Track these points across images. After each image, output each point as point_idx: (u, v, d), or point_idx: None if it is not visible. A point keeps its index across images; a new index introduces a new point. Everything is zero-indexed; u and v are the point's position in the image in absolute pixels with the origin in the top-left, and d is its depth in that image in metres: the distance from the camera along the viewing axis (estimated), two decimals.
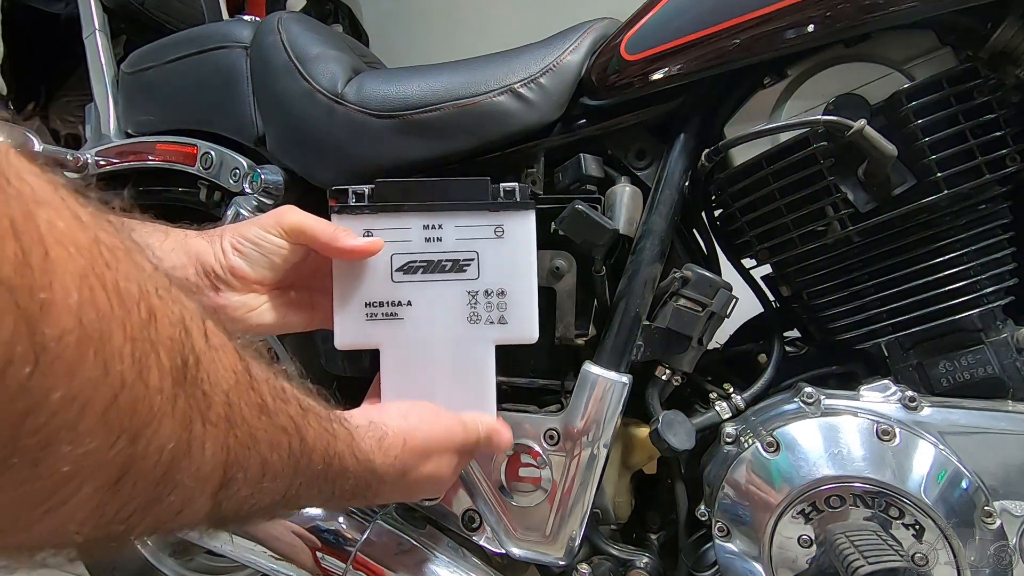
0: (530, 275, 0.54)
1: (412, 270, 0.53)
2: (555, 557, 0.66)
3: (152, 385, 0.23)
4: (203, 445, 0.26)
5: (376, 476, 0.42)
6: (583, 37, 0.70)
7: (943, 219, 0.58)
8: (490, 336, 0.53)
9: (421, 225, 0.53)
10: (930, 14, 0.54)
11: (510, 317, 0.53)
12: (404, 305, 0.53)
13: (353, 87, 0.73)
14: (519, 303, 0.53)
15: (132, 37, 1.09)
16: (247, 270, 0.49)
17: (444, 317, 0.53)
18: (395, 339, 0.53)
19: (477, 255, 0.53)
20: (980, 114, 0.55)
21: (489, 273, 0.53)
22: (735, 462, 0.61)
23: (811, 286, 0.63)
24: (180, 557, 1.02)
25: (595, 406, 0.63)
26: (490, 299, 0.53)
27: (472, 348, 0.53)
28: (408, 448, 0.45)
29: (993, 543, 0.54)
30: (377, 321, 0.53)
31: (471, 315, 0.53)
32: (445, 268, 0.53)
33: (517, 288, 0.53)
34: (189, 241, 0.49)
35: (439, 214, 0.53)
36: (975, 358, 0.58)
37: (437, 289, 0.53)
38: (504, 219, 0.53)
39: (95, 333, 0.20)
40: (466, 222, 0.53)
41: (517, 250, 0.53)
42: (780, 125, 0.59)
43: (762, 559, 0.60)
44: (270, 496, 0.32)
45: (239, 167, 0.77)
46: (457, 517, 0.69)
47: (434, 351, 0.53)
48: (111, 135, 0.91)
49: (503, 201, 0.53)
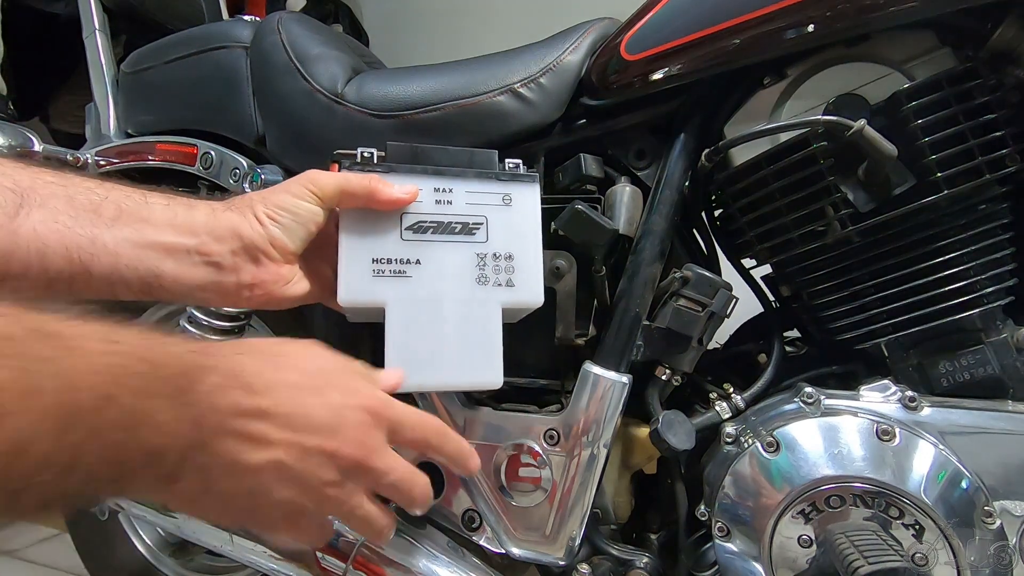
0: (536, 243, 0.56)
1: (422, 230, 0.53)
2: (555, 557, 0.66)
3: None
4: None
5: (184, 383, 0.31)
6: (583, 37, 0.70)
7: (943, 219, 0.58)
8: (498, 298, 0.54)
9: (432, 187, 0.54)
10: (930, 14, 0.54)
11: (517, 281, 0.55)
12: (413, 263, 0.53)
13: (353, 87, 0.73)
14: (526, 268, 0.55)
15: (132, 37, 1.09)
16: (285, 241, 0.47)
17: (453, 277, 0.54)
18: (402, 297, 0.52)
19: (486, 220, 0.55)
20: (980, 114, 0.55)
21: (497, 238, 0.55)
22: (735, 462, 0.61)
23: (811, 286, 0.63)
24: (180, 557, 1.03)
25: (595, 406, 0.63)
26: (498, 262, 0.54)
27: (480, 309, 0.54)
28: (247, 346, 0.36)
29: (993, 543, 0.54)
30: (384, 278, 0.52)
31: (480, 276, 0.54)
32: (455, 230, 0.54)
33: (524, 254, 0.55)
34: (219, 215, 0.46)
35: (450, 178, 0.55)
36: (975, 358, 0.58)
37: (447, 249, 0.54)
38: (512, 189, 0.56)
39: None
40: (476, 188, 0.55)
41: (524, 218, 0.56)
42: (780, 125, 0.59)
43: (762, 559, 0.60)
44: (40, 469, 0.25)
45: (239, 167, 0.77)
46: (457, 517, 0.69)
47: (442, 310, 0.53)
48: (111, 135, 0.91)
49: (512, 172, 0.56)
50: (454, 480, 0.69)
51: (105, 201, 0.43)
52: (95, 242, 0.41)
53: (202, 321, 0.71)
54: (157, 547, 1.01)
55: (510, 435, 0.66)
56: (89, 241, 0.41)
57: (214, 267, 0.45)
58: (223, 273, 0.45)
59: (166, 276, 0.43)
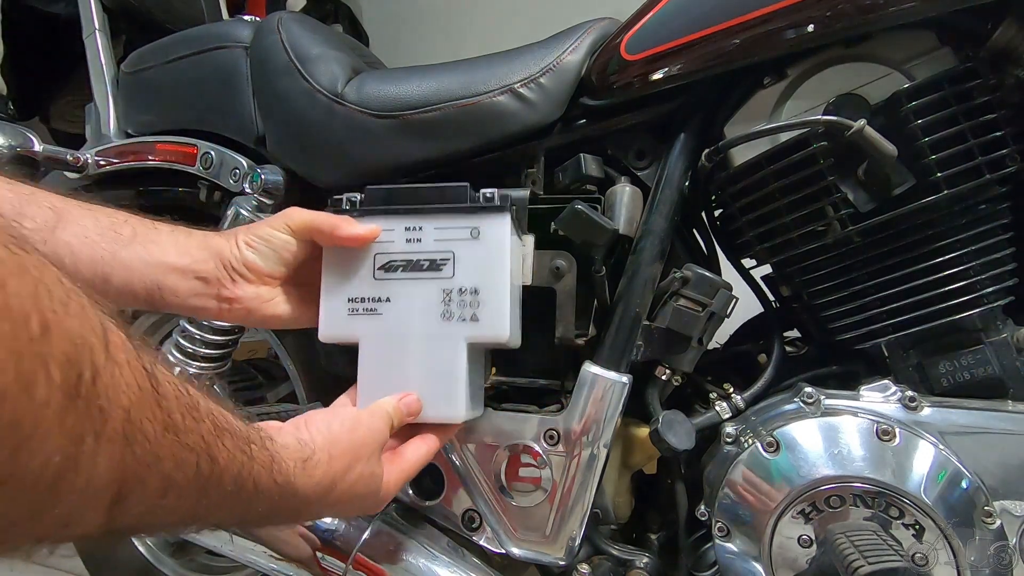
0: (503, 275, 0.54)
1: (393, 268, 0.55)
2: (555, 557, 0.66)
3: (38, 399, 0.22)
4: (95, 460, 0.25)
5: (298, 498, 0.42)
6: (583, 37, 0.70)
7: (943, 219, 0.58)
8: (461, 333, 0.54)
9: (403, 227, 0.55)
10: (930, 14, 0.54)
11: (482, 315, 0.54)
12: (383, 301, 0.55)
13: (353, 87, 0.73)
14: (491, 301, 0.54)
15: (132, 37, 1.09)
16: (259, 263, 0.54)
17: (419, 313, 0.54)
18: (373, 333, 0.55)
19: (453, 255, 0.55)
20: (980, 114, 0.55)
21: (463, 272, 0.54)
22: (735, 462, 0.61)
23: (811, 286, 0.63)
24: (180, 557, 1.03)
25: (595, 406, 0.63)
26: (463, 297, 0.54)
27: (444, 345, 0.54)
28: (334, 460, 0.45)
29: (993, 543, 0.54)
30: (358, 316, 0.55)
31: (444, 312, 0.54)
32: (423, 267, 0.55)
33: (490, 287, 0.54)
34: (209, 239, 0.54)
35: (420, 216, 0.55)
36: (975, 358, 0.58)
37: (414, 286, 0.55)
38: (480, 221, 0.55)
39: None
40: (444, 224, 0.55)
41: (491, 250, 0.54)
42: (780, 125, 0.59)
43: (762, 559, 0.60)
44: (173, 514, 0.32)
45: (239, 167, 0.77)
46: (457, 517, 0.69)
47: (407, 346, 0.54)
48: (111, 135, 0.91)
49: (477, 204, 0.55)
50: (454, 480, 0.69)
51: (124, 224, 0.51)
52: (115, 257, 0.49)
53: (195, 335, 0.73)
54: (157, 547, 1.01)
55: (510, 435, 0.66)
56: (111, 255, 0.49)
57: (202, 281, 0.53)
58: (208, 287, 0.53)
59: (166, 289, 0.52)
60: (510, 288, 0.54)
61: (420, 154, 0.71)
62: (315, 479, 0.43)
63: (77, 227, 0.49)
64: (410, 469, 0.53)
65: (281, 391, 1.02)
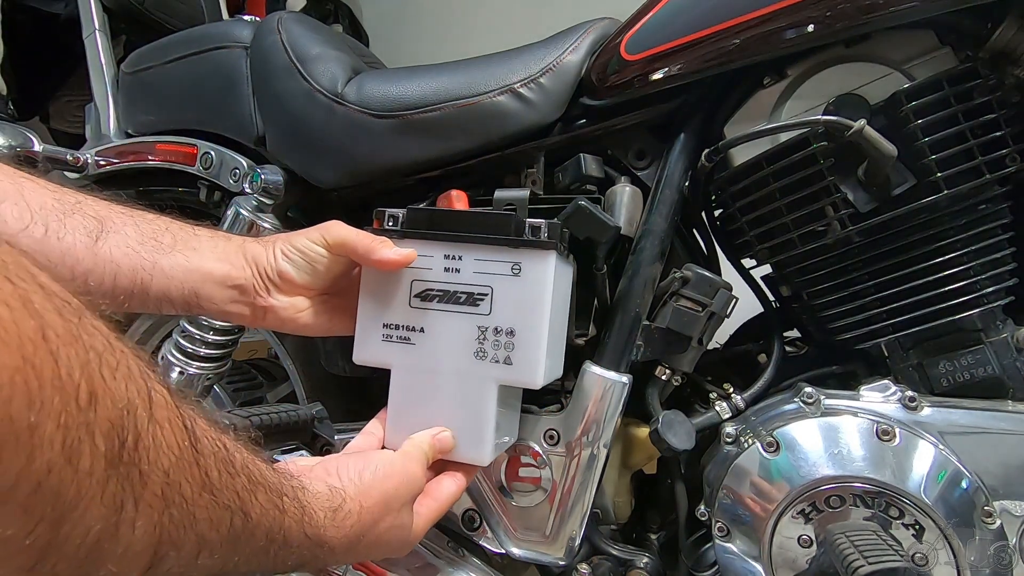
0: (542, 318, 0.51)
1: (429, 298, 0.53)
2: (555, 557, 0.66)
3: (82, 469, 0.22)
4: (133, 526, 0.25)
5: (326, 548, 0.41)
6: (583, 37, 0.70)
7: (943, 219, 0.58)
8: (493, 375, 0.51)
9: (443, 255, 0.52)
10: (930, 14, 0.54)
11: (516, 359, 0.51)
12: (417, 331, 0.53)
13: (353, 87, 0.73)
14: (527, 345, 0.51)
15: (132, 37, 1.09)
16: (293, 275, 0.53)
17: (452, 349, 0.52)
18: (405, 363, 0.53)
19: (492, 291, 0.51)
20: (980, 114, 0.55)
21: (501, 310, 0.51)
22: (735, 462, 0.61)
23: (811, 286, 0.63)
24: None
25: (595, 406, 0.63)
26: (499, 337, 0.51)
27: (475, 384, 0.52)
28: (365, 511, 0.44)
29: (993, 543, 0.54)
30: (392, 343, 0.53)
31: (478, 351, 0.52)
32: (460, 300, 0.52)
33: (527, 329, 0.51)
34: (248, 246, 0.54)
35: (461, 245, 0.52)
36: (975, 358, 0.58)
37: (449, 320, 0.52)
38: (523, 257, 0.51)
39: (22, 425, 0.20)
40: (485, 256, 0.52)
41: (532, 290, 0.51)
42: (780, 125, 0.59)
43: (762, 559, 0.60)
44: (205, 571, 0.31)
45: (239, 167, 0.77)
46: (457, 517, 0.69)
47: (438, 381, 0.53)
48: (111, 135, 0.91)
49: (522, 239, 0.51)
50: None
51: (165, 232, 0.51)
52: (155, 265, 0.49)
53: (195, 335, 0.73)
54: None
55: None
56: (151, 264, 0.49)
57: (238, 290, 0.52)
58: (245, 295, 0.53)
59: (203, 296, 0.51)
60: (547, 331, 0.51)
61: (420, 154, 0.71)
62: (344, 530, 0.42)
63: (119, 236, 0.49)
64: (440, 509, 0.52)
65: (281, 391, 1.02)
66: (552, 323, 0.51)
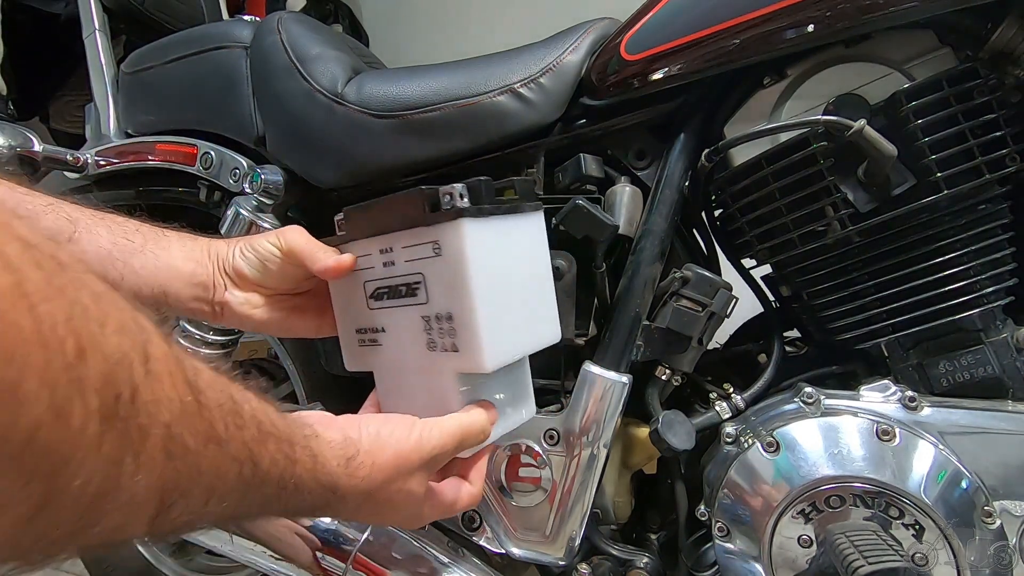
0: (470, 295, 0.44)
1: (379, 296, 0.50)
2: (555, 557, 0.66)
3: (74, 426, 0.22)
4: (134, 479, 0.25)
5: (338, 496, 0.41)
6: (583, 37, 0.70)
7: (943, 219, 0.58)
8: (448, 365, 0.47)
9: (378, 250, 0.49)
10: (930, 14, 0.54)
11: (460, 344, 0.45)
12: (380, 332, 0.51)
13: (353, 87, 0.73)
14: (464, 328, 0.45)
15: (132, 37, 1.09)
16: (246, 271, 0.54)
17: (410, 345, 0.49)
18: (379, 365, 0.52)
19: (424, 277, 0.47)
20: (980, 114, 0.55)
21: (435, 296, 0.46)
22: (735, 462, 0.61)
23: (811, 286, 0.63)
24: (180, 557, 1.03)
25: (595, 406, 0.63)
26: (441, 324, 0.46)
27: (436, 378, 0.48)
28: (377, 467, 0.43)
29: (993, 543, 0.54)
30: (366, 347, 0.52)
31: (429, 342, 0.47)
32: (401, 293, 0.48)
33: (461, 312, 0.45)
34: (213, 245, 0.56)
35: (390, 236, 0.48)
36: (975, 358, 0.58)
37: (401, 315, 0.49)
38: (439, 234, 0.45)
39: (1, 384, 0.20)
40: (409, 241, 0.47)
41: (454, 267, 0.44)
42: (780, 125, 0.59)
43: (762, 559, 0.60)
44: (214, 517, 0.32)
45: (239, 167, 0.77)
46: (457, 517, 0.69)
47: (409, 379, 0.50)
48: (111, 135, 0.91)
49: (431, 214, 0.45)
50: None
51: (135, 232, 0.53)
52: (126, 265, 0.51)
53: (195, 335, 0.73)
54: (157, 547, 1.01)
55: (510, 435, 0.66)
56: (122, 264, 0.51)
57: (201, 286, 0.54)
58: (206, 291, 0.55)
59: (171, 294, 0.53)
60: (481, 307, 0.44)
61: (420, 154, 0.71)
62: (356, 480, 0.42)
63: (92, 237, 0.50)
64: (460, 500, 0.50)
65: (281, 391, 1.02)
66: (492, 296, 0.45)
